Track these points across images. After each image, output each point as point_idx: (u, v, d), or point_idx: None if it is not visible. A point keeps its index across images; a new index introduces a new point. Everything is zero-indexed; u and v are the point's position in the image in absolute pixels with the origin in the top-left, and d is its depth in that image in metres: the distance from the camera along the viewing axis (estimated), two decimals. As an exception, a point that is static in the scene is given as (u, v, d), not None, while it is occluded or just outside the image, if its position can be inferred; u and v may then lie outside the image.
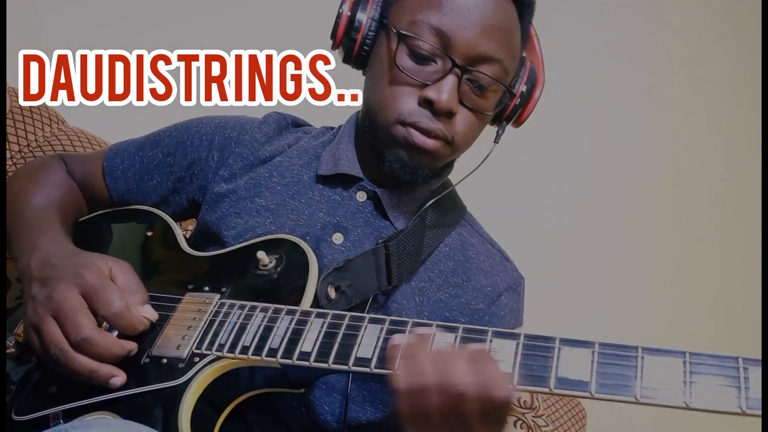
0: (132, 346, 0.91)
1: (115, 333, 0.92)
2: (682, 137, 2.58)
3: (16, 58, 1.42)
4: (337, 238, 1.10)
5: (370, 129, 1.09)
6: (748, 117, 2.55)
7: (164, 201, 1.23)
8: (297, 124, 1.29)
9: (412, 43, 1.01)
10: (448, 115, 1.02)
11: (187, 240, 1.15)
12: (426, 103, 1.01)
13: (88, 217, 1.23)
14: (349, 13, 1.07)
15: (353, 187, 1.14)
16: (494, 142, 1.15)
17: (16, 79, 1.45)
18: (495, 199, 2.13)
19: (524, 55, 1.14)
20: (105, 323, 0.91)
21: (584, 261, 2.52)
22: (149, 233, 1.16)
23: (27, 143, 1.54)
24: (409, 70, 1.02)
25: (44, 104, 1.63)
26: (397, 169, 1.06)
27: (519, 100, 1.11)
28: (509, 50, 1.05)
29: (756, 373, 0.66)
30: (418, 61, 1.02)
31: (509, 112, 1.12)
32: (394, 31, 1.03)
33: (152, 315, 0.94)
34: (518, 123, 1.16)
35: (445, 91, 1.00)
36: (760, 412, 0.64)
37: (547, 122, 1.15)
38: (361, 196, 1.14)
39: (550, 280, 2.36)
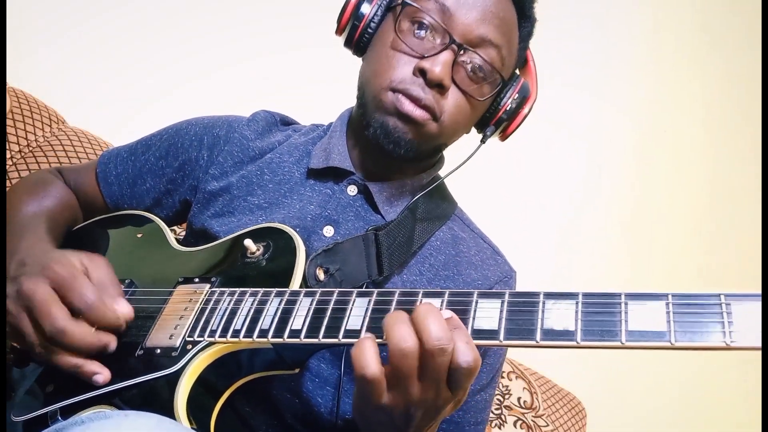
0: (108, 338, 0.89)
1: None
2: (675, 131, 2.61)
3: (17, 57, 1.43)
4: (328, 230, 1.11)
5: (360, 103, 1.12)
6: (747, 115, 2.58)
7: (158, 203, 1.25)
8: (285, 122, 1.31)
9: (415, 13, 1.05)
10: (439, 87, 1.04)
11: (179, 240, 1.16)
12: (419, 73, 1.04)
13: (81, 225, 1.24)
14: (355, 1, 1.11)
15: (344, 181, 1.16)
16: (481, 141, 1.17)
17: (16, 78, 1.47)
18: (488, 195, 2.15)
19: (518, 73, 1.17)
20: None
21: (578, 255, 2.53)
22: (139, 235, 1.17)
23: (27, 143, 1.55)
24: (408, 41, 1.05)
25: (44, 104, 1.64)
26: (380, 137, 1.07)
27: (508, 107, 1.13)
28: (507, 41, 1.09)
29: (738, 307, 0.66)
30: (418, 35, 1.05)
31: (498, 117, 1.14)
32: (401, 0, 1.07)
33: (127, 311, 0.91)
34: (504, 136, 1.18)
35: (439, 64, 1.02)
36: (743, 345, 0.64)
37: (542, 120, 1.17)
38: (352, 190, 1.15)
39: (544, 274, 2.37)
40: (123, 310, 0.90)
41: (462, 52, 1.05)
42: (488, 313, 0.77)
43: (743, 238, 2.59)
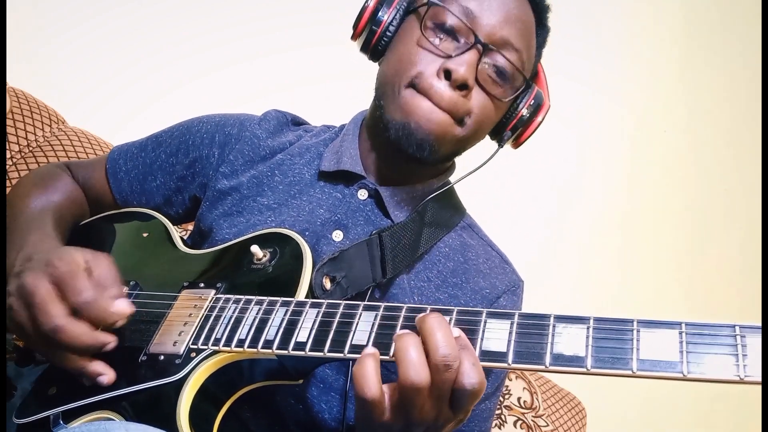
0: (107, 338, 0.86)
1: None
2: (677, 134, 2.60)
3: (17, 57, 1.42)
4: (337, 235, 1.10)
5: (378, 104, 1.11)
6: (748, 114, 2.57)
7: (168, 201, 1.24)
8: (297, 122, 1.31)
9: (440, 14, 1.05)
10: (462, 87, 1.03)
11: (185, 240, 1.15)
12: (444, 75, 1.03)
13: (87, 220, 1.23)
14: (374, 5, 1.10)
15: (355, 185, 1.14)
16: (499, 146, 1.17)
17: (16, 78, 1.46)
18: (497, 202, 2.14)
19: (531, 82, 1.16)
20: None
21: (586, 263, 2.53)
22: (145, 234, 1.16)
23: (27, 143, 1.55)
24: (433, 40, 1.05)
25: (44, 104, 1.64)
26: (402, 139, 1.06)
27: (526, 110, 1.13)
28: (527, 46, 1.09)
29: (754, 340, 0.65)
30: (442, 35, 1.05)
31: (515, 121, 1.14)
32: (424, 1, 1.06)
33: (125, 309, 0.87)
34: (517, 144, 1.17)
35: (464, 63, 1.02)
36: (758, 380, 0.63)
37: (547, 124, 1.17)
38: (363, 194, 1.14)
39: (552, 282, 2.37)
40: (121, 308, 0.86)
41: (486, 52, 1.04)
42: (497, 334, 0.76)
43: (744, 238, 2.59)
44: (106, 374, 0.87)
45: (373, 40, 1.11)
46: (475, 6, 1.04)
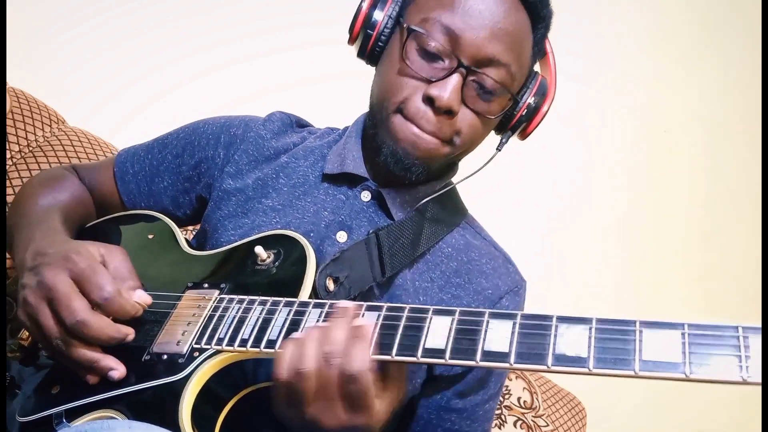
0: (128, 330, 0.90)
1: None
2: (677, 134, 2.59)
3: (17, 57, 1.42)
4: (341, 236, 1.11)
5: (372, 123, 1.11)
6: (748, 114, 2.57)
7: (175, 202, 1.26)
8: (301, 124, 1.31)
9: (421, 39, 1.03)
10: (447, 113, 1.02)
11: (189, 242, 1.15)
12: (428, 101, 1.02)
13: (93, 222, 1.24)
14: (367, 10, 1.09)
15: (358, 187, 1.15)
16: (497, 149, 1.16)
17: (16, 78, 1.46)
18: (499, 201, 2.14)
19: (537, 69, 1.15)
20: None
21: (587, 263, 2.53)
22: (150, 236, 1.16)
23: (27, 143, 1.55)
24: (416, 66, 1.03)
25: (44, 104, 1.64)
26: (391, 164, 1.07)
27: (525, 111, 1.12)
28: (517, 57, 1.06)
29: (756, 342, 0.65)
30: (425, 58, 1.03)
31: (514, 122, 1.13)
32: (405, 26, 1.04)
33: (145, 300, 0.93)
34: (524, 135, 1.16)
35: (447, 90, 1.00)
36: (760, 381, 0.63)
37: (548, 124, 1.16)
38: (366, 196, 1.14)
39: (553, 283, 2.37)
40: (141, 298, 0.93)
41: (471, 73, 1.02)
42: (499, 335, 0.76)
43: (746, 238, 2.59)
44: (118, 369, 0.89)
45: (368, 46, 1.10)
46: (459, 23, 1.01)
